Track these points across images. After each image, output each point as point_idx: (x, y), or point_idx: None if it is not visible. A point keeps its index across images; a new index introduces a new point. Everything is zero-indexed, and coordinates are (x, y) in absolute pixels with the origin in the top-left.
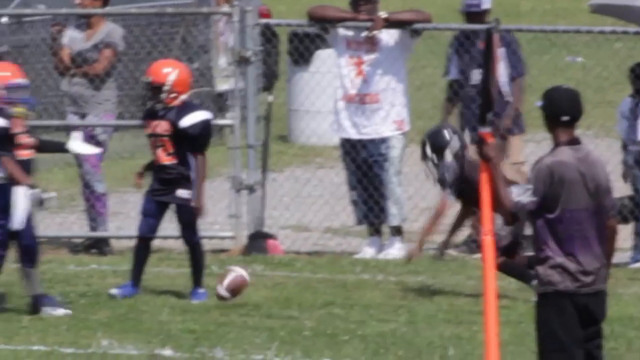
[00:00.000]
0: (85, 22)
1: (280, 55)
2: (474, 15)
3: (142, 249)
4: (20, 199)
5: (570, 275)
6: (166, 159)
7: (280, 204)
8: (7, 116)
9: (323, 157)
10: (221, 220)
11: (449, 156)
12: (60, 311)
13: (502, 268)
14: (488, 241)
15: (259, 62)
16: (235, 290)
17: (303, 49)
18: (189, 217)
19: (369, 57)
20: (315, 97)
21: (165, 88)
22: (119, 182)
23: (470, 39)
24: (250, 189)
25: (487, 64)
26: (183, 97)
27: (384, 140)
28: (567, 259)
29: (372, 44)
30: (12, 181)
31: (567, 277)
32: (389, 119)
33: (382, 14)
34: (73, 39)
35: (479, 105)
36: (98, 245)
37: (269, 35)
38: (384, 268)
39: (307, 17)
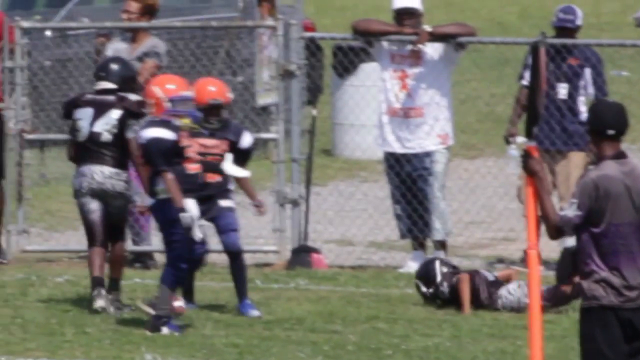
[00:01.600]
0: (130, 36)
1: (324, 68)
2: (567, 30)
3: (194, 268)
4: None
5: (615, 290)
6: (212, 177)
7: (324, 218)
8: (176, 129)
9: (367, 171)
10: (265, 234)
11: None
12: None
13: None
14: (533, 255)
15: (303, 75)
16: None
17: (347, 62)
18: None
19: (413, 71)
20: (359, 110)
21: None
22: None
23: (562, 53)
24: (294, 203)
25: (535, 78)
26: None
27: (427, 155)
28: (612, 273)
29: (416, 57)
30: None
31: (612, 291)
32: (433, 133)
33: (427, 28)
34: (118, 50)
35: (526, 119)
36: (142, 259)
37: (313, 48)
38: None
39: (352, 30)
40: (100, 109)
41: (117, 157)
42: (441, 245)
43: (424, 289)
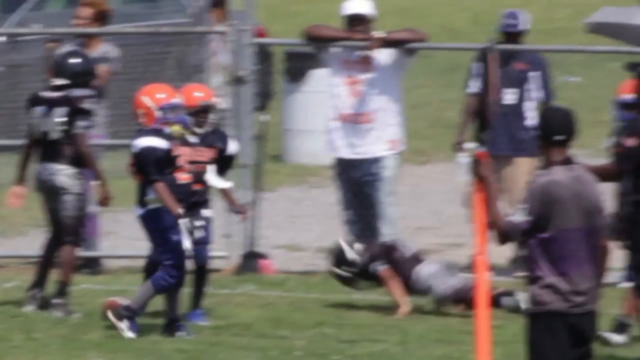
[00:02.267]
0: (82, 42)
1: (275, 74)
2: (512, 35)
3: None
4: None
5: (562, 296)
6: (198, 185)
7: (273, 224)
8: (169, 138)
9: (316, 177)
10: (214, 239)
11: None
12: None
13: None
14: (481, 261)
15: (254, 81)
16: None
17: (298, 68)
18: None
19: (363, 77)
20: (309, 116)
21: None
22: (112, 201)
23: (509, 58)
24: None
25: (485, 84)
26: None
27: (377, 160)
28: (559, 279)
29: (367, 63)
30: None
31: (559, 297)
32: (383, 139)
33: (378, 34)
34: None
35: (476, 125)
36: (90, 265)
37: (264, 54)
38: (376, 288)
39: (303, 36)
40: (50, 107)
41: (68, 155)
42: None
43: (344, 274)
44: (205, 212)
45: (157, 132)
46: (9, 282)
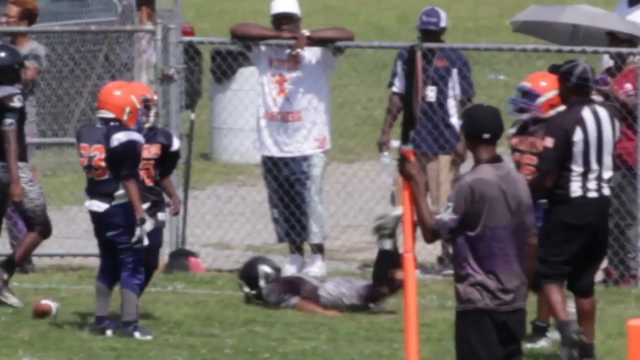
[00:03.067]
0: (9, 40)
1: (202, 73)
2: (431, 33)
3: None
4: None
5: (490, 293)
6: (147, 182)
7: (202, 222)
8: (140, 134)
9: (245, 175)
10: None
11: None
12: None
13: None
14: (409, 259)
15: (182, 79)
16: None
17: (226, 66)
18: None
19: (291, 75)
20: (237, 115)
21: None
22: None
23: (427, 56)
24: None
25: (410, 81)
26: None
27: (305, 158)
28: (487, 276)
29: (294, 62)
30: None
31: (487, 295)
32: (311, 137)
33: (305, 32)
34: None
35: (402, 123)
36: (19, 264)
37: (191, 53)
38: None
39: (230, 35)
40: None
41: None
42: (318, 248)
43: (246, 289)
44: (160, 216)
45: (136, 130)
46: None
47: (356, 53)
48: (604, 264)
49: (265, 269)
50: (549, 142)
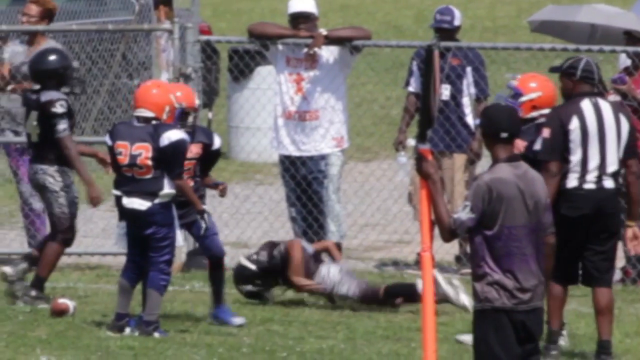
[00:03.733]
0: (27, 39)
1: (220, 72)
2: (445, 31)
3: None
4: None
5: (508, 292)
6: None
7: (219, 221)
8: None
9: (262, 174)
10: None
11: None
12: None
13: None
14: (426, 257)
15: (199, 78)
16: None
17: (243, 65)
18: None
19: (308, 74)
20: (255, 113)
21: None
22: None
23: (443, 55)
24: None
25: (428, 80)
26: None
27: (323, 157)
28: (505, 276)
29: (311, 61)
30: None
31: (505, 294)
32: (328, 136)
33: (322, 31)
34: (15, 53)
35: (419, 122)
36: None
37: (209, 52)
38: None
39: (247, 34)
40: (28, 110)
41: (44, 155)
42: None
43: (252, 289)
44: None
45: (181, 129)
46: None
47: (373, 52)
48: (621, 262)
49: (247, 261)
50: (546, 132)
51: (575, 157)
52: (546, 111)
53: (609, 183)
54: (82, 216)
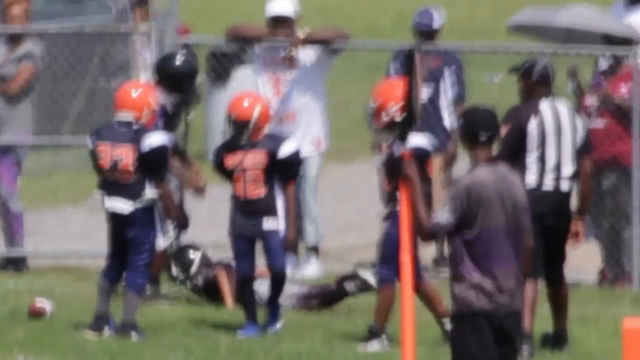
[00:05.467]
0: (5, 40)
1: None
2: (425, 34)
3: (247, 288)
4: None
5: (487, 295)
6: (256, 193)
7: (197, 222)
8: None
9: None
10: None
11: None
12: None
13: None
14: (406, 261)
15: None
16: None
17: (221, 67)
18: (278, 245)
19: (286, 76)
20: None
21: (251, 124)
22: (37, 200)
23: (423, 57)
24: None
25: (410, 83)
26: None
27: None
28: (484, 278)
29: (290, 62)
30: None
31: (483, 296)
32: (307, 138)
33: (300, 33)
34: None
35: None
36: (15, 264)
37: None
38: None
39: (226, 35)
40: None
41: None
42: (313, 249)
43: (175, 272)
44: (267, 224)
45: (161, 132)
46: None
47: (352, 54)
48: (600, 265)
49: (198, 258)
50: (503, 130)
51: (533, 159)
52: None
53: (565, 185)
54: (59, 218)
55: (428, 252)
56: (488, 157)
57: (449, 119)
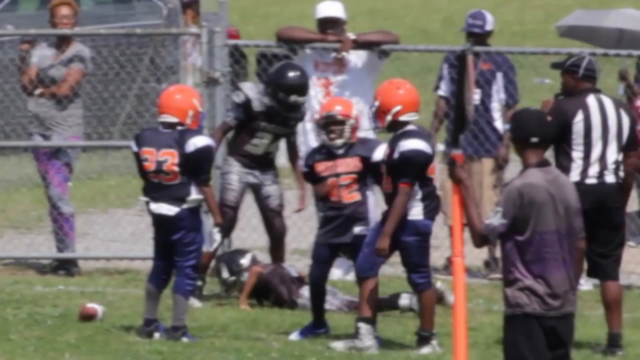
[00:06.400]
0: (55, 42)
1: (248, 76)
2: (477, 36)
3: (318, 293)
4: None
5: (539, 298)
6: (349, 197)
7: (248, 225)
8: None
9: (290, 178)
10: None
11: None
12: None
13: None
14: (458, 263)
15: (227, 83)
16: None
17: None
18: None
19: (336, 79)
20: None
21: (351, 122)
22: (87, 202)
23: (474, 59)
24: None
25: (461, 86)
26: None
27: None
28: (536, 281)
29: (340, 65)
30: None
31: (535, 299)
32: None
33: (350, 35)
34: (43, 56)
35: (451, 127)
36: (66, 267)
37: (237, 56)
38: (350, 290)
39: (275, 38)
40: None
41: None
42: None
43: (225, 275)
44: (358, 229)
45: (203, 132)
46: None
47: (401, 56)
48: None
49: (249, 261)
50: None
51: (579, 154)
52: (412, 115)
53: (610, 178)
54: (110, 220)
55: (480, 253)
56: (539, 159)
57: (500, 122)
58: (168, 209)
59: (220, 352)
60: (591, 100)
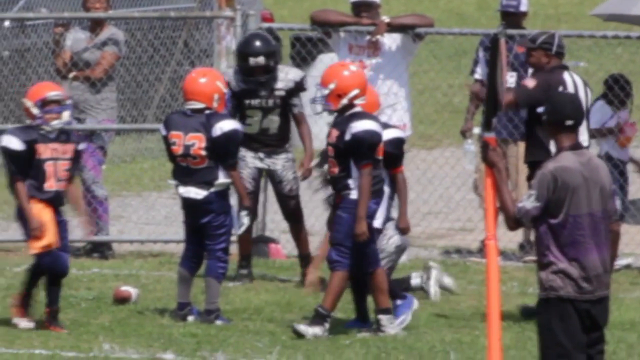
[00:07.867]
0: (88, 26)
1: (282, 59)
2: (511, 15)
3: (357, 286)
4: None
5: (573, 281)
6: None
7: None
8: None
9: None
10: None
11: None
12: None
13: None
14: (491, 246)
15: None
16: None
17: (305, 53)
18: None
19: (371, 62)
20: None
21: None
22: (121, 186)
23: (508, 42)
24: (252, 193)
25: (494, 69)
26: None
27: None
28: (570, 264)
29: (374, 48)
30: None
31: (570, 282)
32: (391, 123)
33: (385, 19)
34: (77, 39)
35: (484, 111)
36: (100, 249)
37: (271, 39)
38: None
39: (309, 21)
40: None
41: None
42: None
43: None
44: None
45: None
46: (19, 267)
47: (436, 40)
48: None
49: None
50: (531, 83)
51: None
52: (364, 99)
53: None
54: (144, 204)
55: (514, 236)
56: (573, 142)
57: None
58: (196, 193)
59: (254, 335)
60: (567, 76)
